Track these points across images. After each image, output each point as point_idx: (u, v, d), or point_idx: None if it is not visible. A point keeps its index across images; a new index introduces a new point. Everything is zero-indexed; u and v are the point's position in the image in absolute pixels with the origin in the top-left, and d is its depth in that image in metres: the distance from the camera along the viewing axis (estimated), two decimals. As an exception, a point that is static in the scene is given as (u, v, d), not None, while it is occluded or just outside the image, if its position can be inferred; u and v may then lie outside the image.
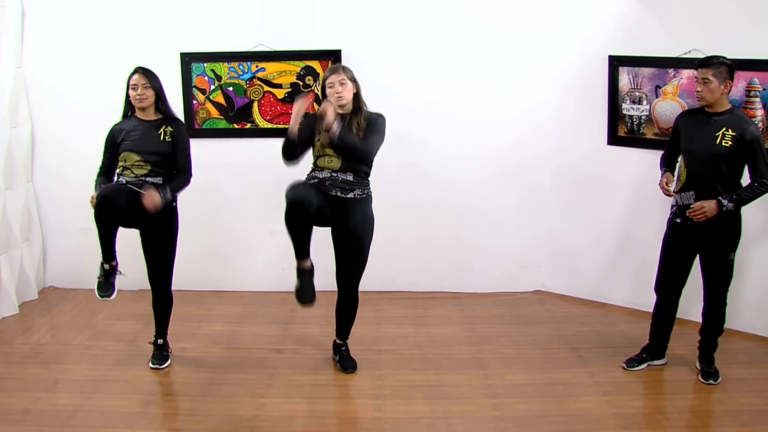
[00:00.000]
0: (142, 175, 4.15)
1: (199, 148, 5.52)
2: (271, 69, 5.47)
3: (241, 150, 5.59)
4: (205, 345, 4.71)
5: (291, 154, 4.16)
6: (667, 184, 4.19)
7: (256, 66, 5.47)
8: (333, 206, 4.16)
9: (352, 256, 4.24)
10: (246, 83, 5.50)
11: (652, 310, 4.43)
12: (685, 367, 4.43)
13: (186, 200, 4.45)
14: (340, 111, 4.12)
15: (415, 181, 5.54)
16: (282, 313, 5.16)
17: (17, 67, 5.42)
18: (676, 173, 4.26)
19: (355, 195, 4.17)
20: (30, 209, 5.63)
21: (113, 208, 3.99)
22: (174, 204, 4.27)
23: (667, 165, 4.32)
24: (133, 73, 4.21)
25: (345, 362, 4.48)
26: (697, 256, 4.21)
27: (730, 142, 3.97)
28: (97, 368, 4.41)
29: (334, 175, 4.14)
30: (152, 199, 4.01)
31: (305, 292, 4.17)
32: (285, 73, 5.48)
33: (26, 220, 5.57)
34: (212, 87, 5.52)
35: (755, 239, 4.72)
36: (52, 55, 5.51)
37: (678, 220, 4.17)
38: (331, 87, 4.11)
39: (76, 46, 5.48)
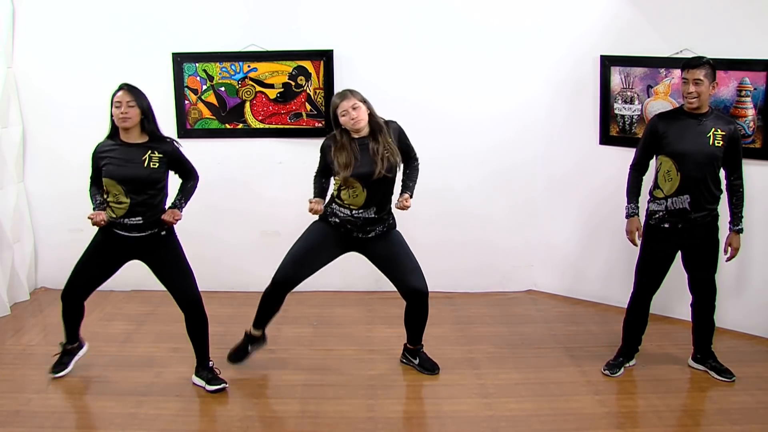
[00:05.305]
0: (121, 214, 3.95)
1: (190, 149, 5.50)
2: (263, 69, 5.46)
3: (233, 150, 5.59)
4: (198, 345, 4.69)
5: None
6: (638, 230, 4.24)
7: (248, 66, 5.46)
8: (355, 245, 4.24)
9: (403, 269, 4.21)
10: (238, 83, 5.49)
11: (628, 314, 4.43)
12: (676, 366, 4.44)
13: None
14: (355, 135, 4.08)
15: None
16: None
17: (8, 68, 5.40)
18: (651, 182, 4.26)
19: (376, 233, 4.20)
20: (21, 210, 5.61)
21: (79, 301, 4.14)
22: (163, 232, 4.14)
23: (639, 171, 4.30)
24: (117, 90, 3.93)
25: (428, 363, 4.42)
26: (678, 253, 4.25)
27: (721, 142, 4.02)
28: (88, 369, 4.38)
29: (357, 214, 4.12)
30: (173, 215, 4.04)
31: (243, 356, 4.42)
32: (277, 73, 5.47)
33: (18, 220, 5.55)
34: (204, 87, 5.50)
35: (748, 240, 4.73)
36: (43, 55, 5.49)
37: (666, 225, 4.16)
38: (344, 115, 4.01)
39: (67, 46, 5.46)
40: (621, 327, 4.45)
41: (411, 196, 4.21)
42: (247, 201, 5.65)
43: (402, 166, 4.26)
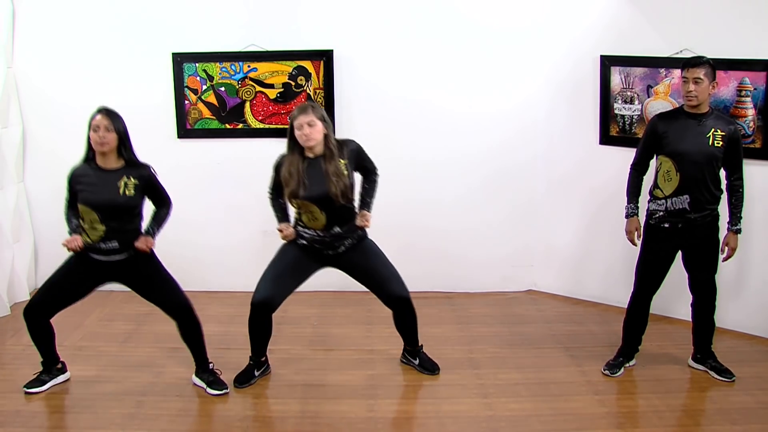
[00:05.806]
0: (96, 239, 3.90)
1: (190, 149, 5.57)
2: (263, 69, 5.47)
3: (233, 150, 5.58)
4: (198, 345, 4.70)
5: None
6: (637, 230, 4.29)
7: (248, 66, 5.46)
8: (329, 261, 4.20)
9: (381, 278, 4.18)
10: (238, 83, 5.49)
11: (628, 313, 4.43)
12: (676, 366, 4.44)
13: (178, 201, 4.43)
14: (310, 154, 4.03)
15: (408, 180, 5.55)
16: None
17: (8, 68, 5.40)
18: (651, 183, 4.26)
19: (346, 246, 4.17)
20: (21, 210, 5.61)
21: (42, 319, 4.00)
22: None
23: (639, 171, 4.32)
24: (95, 114, 3.86)
25: (428, 363, 4.41)
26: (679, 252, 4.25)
27: (721, 142, 4.02)
28: (88, 369, 4.39)
29: (322, 234, 4.09)
30: (146, 243, 3.97)
31: (251, 378, 4.27)
32: (277, 73, 5.47)
33: (18, 220, 5.55)
34: (204, 87, 5.50)
35: (748, 240, 4.73)
36: (43, 56, 5.49)
37: (666, 225, 4.16)
38: (299, 129, 3.95)
39: (67, 47, 5.46)
40: (621, 327, 4.45)
41: (369, 212, 4.20)
42: (247, 201, 5.65)
43: (362, 180, 4.27)
